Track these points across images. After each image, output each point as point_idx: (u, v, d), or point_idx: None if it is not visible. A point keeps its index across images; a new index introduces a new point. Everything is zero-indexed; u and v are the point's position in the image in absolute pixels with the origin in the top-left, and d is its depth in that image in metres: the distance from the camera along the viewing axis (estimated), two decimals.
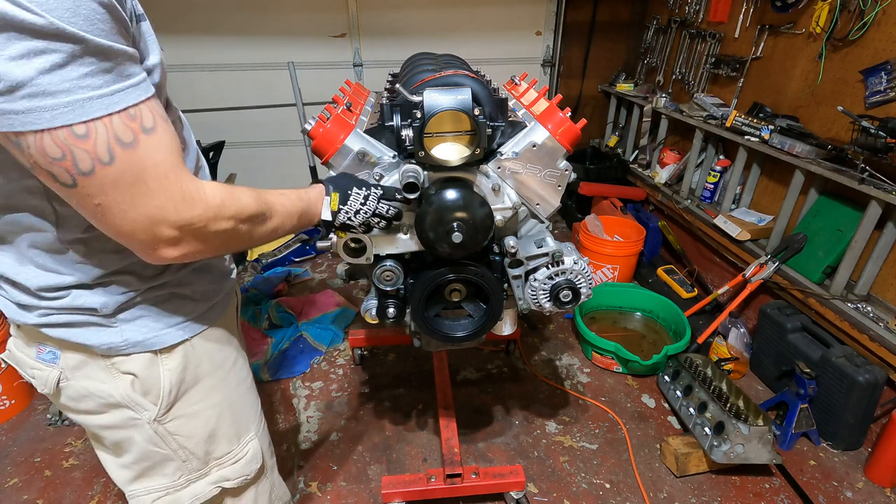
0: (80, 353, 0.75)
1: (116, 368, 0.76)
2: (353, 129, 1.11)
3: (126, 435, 0.81)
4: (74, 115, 0.51)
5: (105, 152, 0.53)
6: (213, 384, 0.86)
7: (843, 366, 1.76)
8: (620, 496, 1.72)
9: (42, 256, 0.68)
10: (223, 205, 0.65)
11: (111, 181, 0.55)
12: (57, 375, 0.76)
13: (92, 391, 0.77)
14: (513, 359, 2.37)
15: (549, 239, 1.23)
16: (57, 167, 0.53)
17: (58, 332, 0.73)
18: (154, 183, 0.57)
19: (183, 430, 0.83)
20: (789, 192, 2.20)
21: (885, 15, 1.81)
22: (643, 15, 3.44)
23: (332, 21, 3.21)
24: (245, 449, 0.91)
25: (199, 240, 0.65)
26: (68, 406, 0.80)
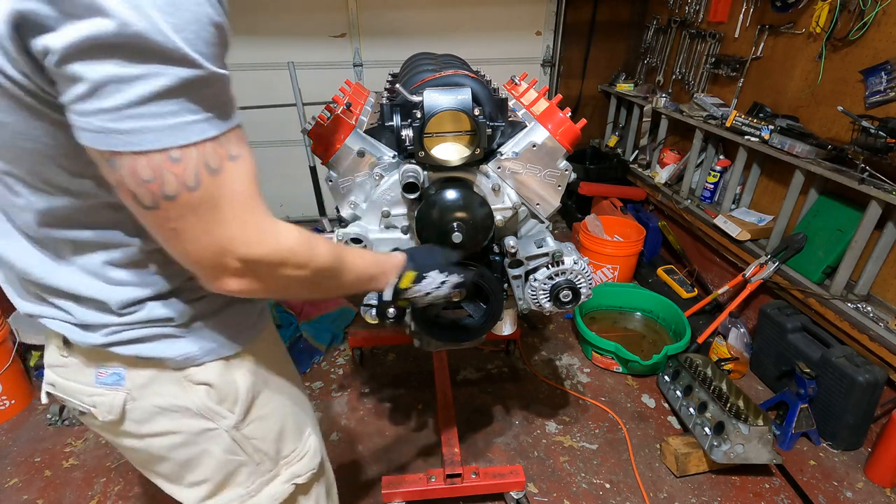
0: (150, 368, 0.72)
1: (189, 380, 0.73)
2: (353, 129, 1.11)
3: (199, 450, 0.78)
4: (174, 138, 0.50)
5: (192, 177, 0.52)
6: (279, 382, 0.86)
7: (843, 366, 1.76)
8: (620, 496, 1.72)
9: (118, 272, 0.66)
10: (293, 251, 0.63)
11: (192, 207, 0.54)
12: (123, 398, 0.72)
13: (164, 408, 0.73)
14: (513, 359, 2.36)
15: (549, 239, 1.23)
16: (143, 189, 0.52)
17: (128, 349, 0.69)
18: (230, 212, 0.56)
19: (258, 433, 0.81)
20: (789, 192, 2.20)
21: (885, 15, 1.81)
22: (643, 15, 3.44)
23: (332, 21, 3.21)
24: (307, 444, 0.91)
25: (261, 280, 0.63)
26: (131, 431, 0.75)
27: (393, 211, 1.14)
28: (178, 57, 0.47)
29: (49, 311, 0.69)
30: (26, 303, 0.71)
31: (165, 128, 0.49)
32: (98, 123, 0.48)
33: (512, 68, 3.21)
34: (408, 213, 1.15)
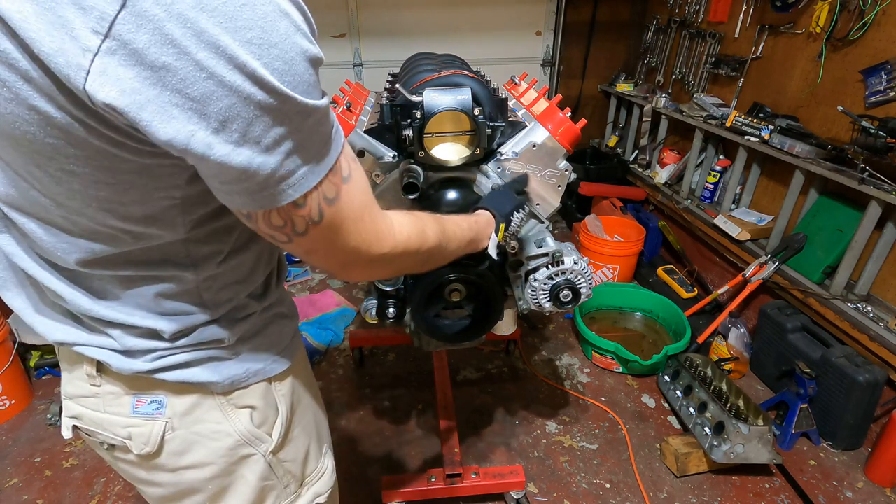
0: (193, 394, 0.69)
1: (233, 404, 0.71)
2: (353, 129, 1.11)
3: (234, 479, 0.75)
4: (299, 190, 0.51)
5: (317, 213, 0.54)
6: (308, 402, 0.85)
7: (843, 366, 1.76)
8: (620, 496, 1.72)
9: (171, 303, 0.64)
10: (409, 240, 0.68)
11: (319, 234, 0.57)
12: (162, 427, 0.68)
13: (205, 436, 0.70)
14: (513, 359, 2.36)
15: (549, 239, 1.23)
16: (276, 232, 0.55)
17: (175, 375, 0.66)
18: (352, 226, 0.59)
19: (290, 455, 0.80)
20: (789, 192, 2.20)
21: (885, 15, 1.81)
22: (643, 15, 3.44)
23: (332, 21, 3.21)
24: (325, 462, 0.90)
25: (385, 267, 0.70)
26: (166, 465, 0.71)
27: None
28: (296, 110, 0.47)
29: (88, 338, 0.65)
30: (60, 331, 0.65)
31: (291, 185, 0.50)
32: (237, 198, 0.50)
33: (512, 68, 3.21)
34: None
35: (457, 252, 0.85)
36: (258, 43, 0.41)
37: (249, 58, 0.41)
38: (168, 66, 0.39)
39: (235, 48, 0.40)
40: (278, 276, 0.79)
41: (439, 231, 0.76)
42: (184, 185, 0.53)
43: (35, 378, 2.23)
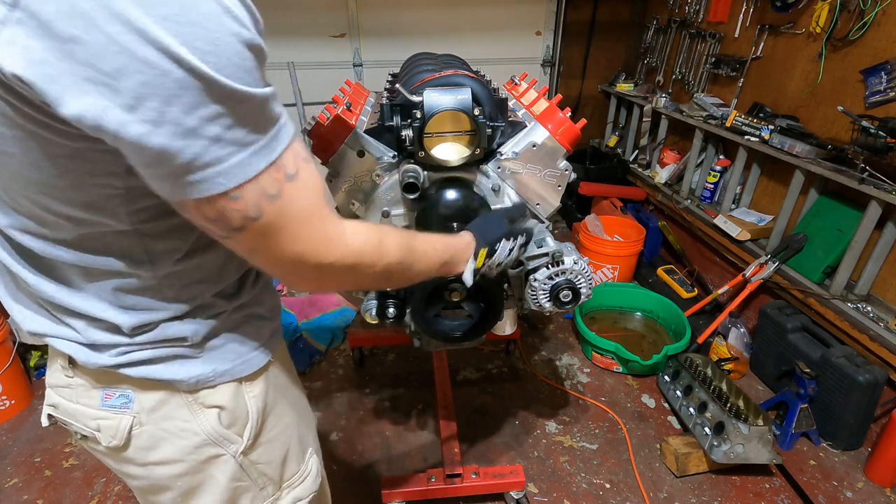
0: (160, 391, 0.69)
1: (200, 403, 0.71)
2: (353, 129, 1.11)
3: (204, 477, 0.75)
4: (231, 180, 0.49)
5: (254, 209, 0.52)
6: (287, 404, 0.83)
7: (843, 366, 1.76)
8: (620, 496, 1.72)
9: (131, 297, 0.63)
10: (363, 250, 0.65)
11: (259, 233, 0.55)
12: (129, 422, 0.68)
13: (172, 433, 0.70)
14: (513, 359, 2.36)
15: (549, 239, 1.23)
16: (211, 225, 0.53)
17: (139, 371, 0.66)
18: (297, 228, 0.56)
19: (264, 458, 0.79)
20: (789, 192, 2.20)
21: (885, 15, 1.81)
22: (643, 15, 3.44)
23: (332, 21, 3.21)
24: (309, 465, 0.88)
25: (335, 278, 0.66)
26: (135, 459, 0.72)
27: (393, 211, 1.14)
28: (227, 94, 0.45)
29: (57, 329, 0.66)
30: (33, 320, 0.67)
31: (222, 173, 0.48)
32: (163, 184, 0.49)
33: (512, 68, 3.21)
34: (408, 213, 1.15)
35: (426, 272, 0.80)
36: (175, 20, 0.41)
37: (164, 34, 0.40)
38: (77, 38, 0.39)
39: (147, 22, 0.40)
40: (257, 277, 0.77)
41: (404, 247, 0.72)
42: (123, 174, 0.52)
43: (35, 378, 2.23)
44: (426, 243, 0.80)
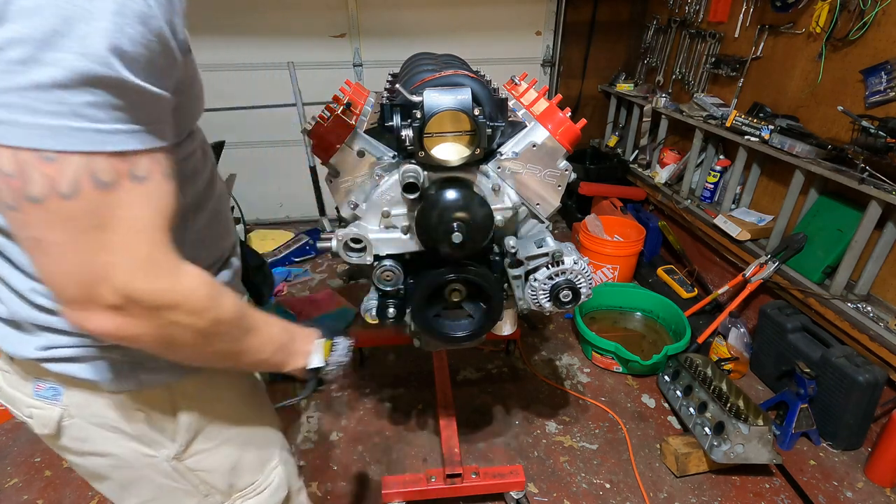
0: (85, 389, 0.68)
1: (126, 405, 0.70)
2: (353, 129, 1.11)
3: (138, 474, 0.75)
4: (53, 141, 0.43)
5: (69, 184, 0.45)
6: (235, 414, 0.81)
7: (843, 366, 1.76)
8: (620, 496, 1.72)
9: (44, 299, 0.60)
10: (192, 292, 0.55)
11: (62, 217, 0.45)
12: (59, 414, 0.68)
13: (103, 427, 0.70)
14: (513, 359, 2.36)
15: (549, 239, 1.23)
16: (2, 182, 0.44)
17: (61, 368, 0.65)
18: (119, 237, 0.48)
19: (204, 465, 0.77)
20: (789, 192, 2.20)
21: (885, 15, 1.81)
22: (643, 15, 3.44)
23: (332, 21, 3.21)
24: (270, 478, 0.86)
25: (141, 322, 0.52)
26: (70, 448, 0.72)
27: (393, 211, 1.14)
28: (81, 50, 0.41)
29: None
30: None
31: (43, 127, 0.42)
32: None
33: (512, 68, 3.21)
34: (408, 213, 1.15)
35: (259, 351, 0.70)
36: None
37: None
38: None
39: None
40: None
41: (239, 308, 0.63)
42: None
43: None
44: (263, 318, 0.70)
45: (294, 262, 3.19)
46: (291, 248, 3.22)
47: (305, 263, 3.20)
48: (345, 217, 1.20)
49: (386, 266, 1.16)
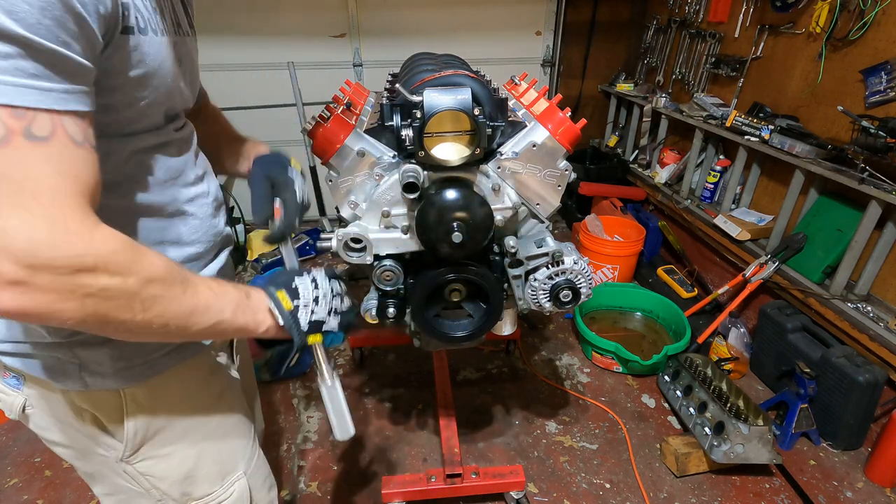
0: (38, 384, 0.70)
1: (76, 404, 0.70)
2: (353, 129, 1.11)
3: (96, 468, 0.78)
4: None
5: None
6: (191, 423, 0.79)
7: (843, 366, 1.76)
8: (620, 496, 1.72)
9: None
10: (115, 253, 0.49)
11: None
12: (22, 402, 0.72)
13: (60, 420, 0.73)
14: (513, 359, 2.36)
15: (549, 239, 1.23)
16: None
17: (11, 362, 0.68)
18: (14, 198, 0.43)
19: (154, 471, 0.77)
20: (789, 192, 2.20)
21: (885, 15, 1.81)
22: (643, 15, 3.44)
23: (332, 21, 3.21)
24: (230, 490, 0.84)
25: (60, 296, 0.46)
26: (38, 434, 0.77)
27: (393, 211, 1.14)
28: None
29: None
30: None
31: None
32: None
33: (512, 68, 3.21)
34: (408, 213, 1.15)
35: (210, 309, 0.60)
36: None
37: None
38: None
39: None
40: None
41: (175, 270, 0.57)
42: None
43: None
44: (207, 281, 0.62)
45: None
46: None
47: (305, 263, 3.21)
48: (345, 217, 1.20)
49: (386, 266, 1.16)
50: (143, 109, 0.63)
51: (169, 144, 0.72)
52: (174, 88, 0.67)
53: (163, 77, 0.64)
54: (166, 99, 0.67)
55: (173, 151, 0.72)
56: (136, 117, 0.64)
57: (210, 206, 0.79)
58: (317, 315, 0.73)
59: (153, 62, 0.61)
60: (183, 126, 0.77)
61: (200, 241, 0.77)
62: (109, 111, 0.59)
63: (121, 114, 0.61)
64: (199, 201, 0.77)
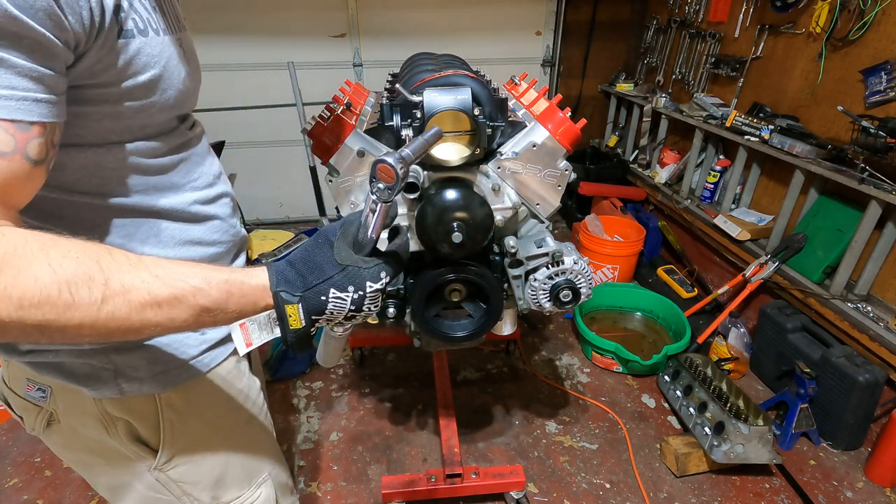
0: (69, 394, 0.68)
1: (110, 413, 0.69)
2: (353, 128, 1.11)
3: (123, 481, 0.75)
4: None
5: None
6: (222, 426, 0.79)
7: (843, 366, 1.76)
8: (620, 496, 1.72)
9: None
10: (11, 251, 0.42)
11: None
12: (46, 417, 0.69)
13: (87, 435, 0.70)
14: (513, 359, 2.36)
15: (549, 239, 1.23)
16: None
17: (43, 371, 0.66)
18: None
19: (187, 477, 0.76)
20: (789, 192, 2.20)
21: (885, 15, 1.81)
22: (643, 15, 3.44)
23: (332, 21, 3.21)
24: (257, 492, 0.84)
25: None
26: (60, 449, 0.74)
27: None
28: None
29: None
30: None
31: None
32: None
33: (512, 68, 3.21)
34: (408, 213, 1.15)
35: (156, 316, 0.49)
36: None
37: None
38: None
39: None
40: None
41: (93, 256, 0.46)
42: None
43: None
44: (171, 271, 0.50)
45: None
46: (291, 248, 3.22)
47: None
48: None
49: None
50: (156, 113, 0.62)
51: (187, 145, 0.71)
52: (183, 88, 0.66)
53: (170, 78, 0.62)
54: (177, 99, 0.65)
55: (189, 151, 0.72)
56: (149, 122, 0.63)
57: (228, 206, 0.79)
58: (332, 324, 0.61)
59: (158, 63, 0.60)
60: (194, 124, 0.76)
61: (221, 242, 0.76)
62: (121, 118, 0.58)
63: (133, 119, 0.60)
64: (220, 201, 0.77)
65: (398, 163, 0.55)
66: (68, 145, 0.55)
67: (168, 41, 0.62)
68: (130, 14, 0.55)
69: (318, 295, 0.56)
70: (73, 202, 0.59)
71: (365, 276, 0.58)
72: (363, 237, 0.59)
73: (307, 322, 0.57)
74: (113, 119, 0.57)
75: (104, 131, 0.58)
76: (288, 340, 0.57)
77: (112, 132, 0.58)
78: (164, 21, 0.62)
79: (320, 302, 0.56)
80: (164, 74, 0.61)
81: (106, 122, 0.57)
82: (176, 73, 0.63)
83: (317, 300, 0.56)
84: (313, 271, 0.57)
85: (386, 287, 0.60)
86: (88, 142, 0.57)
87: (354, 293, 0.57)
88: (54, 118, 0.48)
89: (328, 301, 0.57)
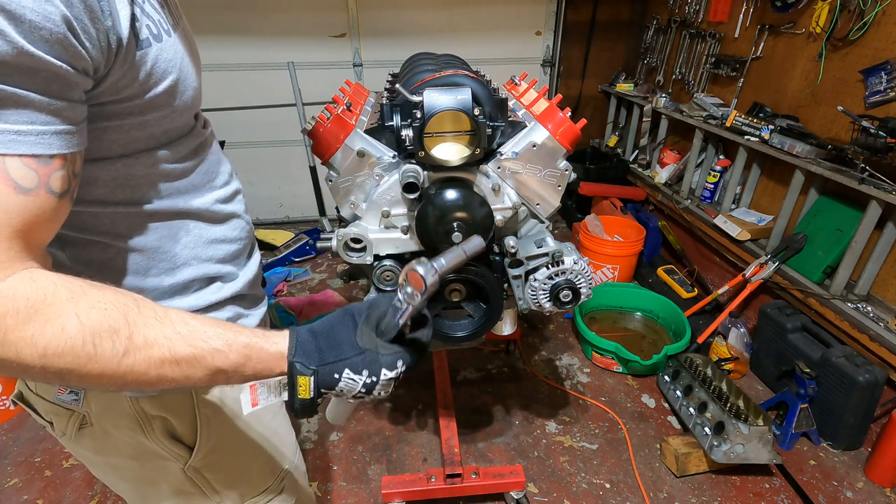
0: (105, 396, 0.68)
1: (146, 412, 0.69)
2: (353, 129, 1.11)
3: (152, 479, 0.76)
4: None
5: None
6: (250, 419, 0.79)
7: (843, 366, 1.76)
8: (620, 496, 1.72)
9: None
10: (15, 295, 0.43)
11: None
12: (78, 420, 0.69)
13: (117, 438, 0.70)
14: (513, 359, 2.36)
15: (549, 239, 1.23)
16: None
17: None
18: None
19: (218, 471, 0.77)
20: (789, 192, 2.20)
21: (885, 15, 1.81)
22: (643, 15, 3.44)
23: (332, 21, 3.21)
24: (281, 484, 0.85)
25: None
26: (88, 452, 0.73)
27: (393, 211, 1.14)
28: None
29: None
30: None
31: None
32: None
33: (512, 68, 3.21)
34: (408, 213, 1.15)
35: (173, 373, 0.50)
36: None
37: None
38: None
39: None
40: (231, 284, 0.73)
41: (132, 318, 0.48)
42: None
43: None
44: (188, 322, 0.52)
45: (294, 262, 3.19)
46: (291, 248, 3.22)
47: (305, 263, 3.21)
48: (345, 217, 1.20)
49: (386, 266, 1.16)
50: (177, 117, 0.63)
51: (204, 145, 0.71)
52: (196, 85, 0.66)
53: (186, 79, 0.62)
54: (193, 98, 0.65)
55: (207, 151, 0.72)
56: (171, 126, 0.63)
57: (243, 203, 0.80)
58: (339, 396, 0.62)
59: (175, 67, 0.59)
60: (206, 123, 0.76)
61: (241, 239, 0.77)
62: (146, 127, 0.59)
63: (157, 126, 0.60)
64: (237, 198, 0.78)
65: (429, 273, 0.57)
66: (99, 159, 0.56)
67: (177, 39, 0.61)
68: (144, 21, 0.54)
69: (332, 372, 0.58)
70: (108, 213, 0.60)
71: (381, 363, 0.59)
72: (386, 325, 0.61)
73: (315, 394, 0.59)
74: (139, 129, 0.58)
75: (132, 141, 0.58)
76: (294, 407, 0.59)
77: (139, 141, 0.59)
78: (170, 17, 0.62)
79: (332, 379, 0.58)
80: (180, 77, 0.61)
81: (133, 132, 0.58)
82: (189, 71, 0.63)
83: (329, 377, 0.58)
84: (333, 348, 0.59)
85: (401, 376, 0.61)
86: (117, 154, 0.58)
87: (368, 378, 0.59)
88: (74, 148, 0.49)
89: (340, 380, 0.58)
